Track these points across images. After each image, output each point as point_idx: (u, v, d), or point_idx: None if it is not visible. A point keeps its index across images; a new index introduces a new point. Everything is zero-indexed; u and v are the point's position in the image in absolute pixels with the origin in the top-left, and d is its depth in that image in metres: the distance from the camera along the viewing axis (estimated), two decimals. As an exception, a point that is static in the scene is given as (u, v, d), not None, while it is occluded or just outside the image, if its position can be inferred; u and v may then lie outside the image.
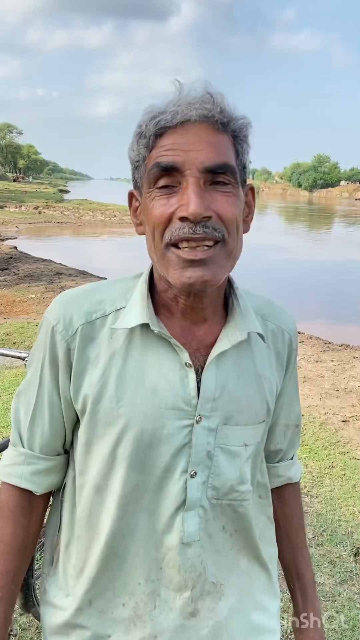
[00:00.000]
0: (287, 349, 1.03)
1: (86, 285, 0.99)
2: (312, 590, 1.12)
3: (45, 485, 0.99)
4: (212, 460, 0.93)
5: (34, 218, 27.99)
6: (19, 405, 0.99)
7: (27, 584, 1.97)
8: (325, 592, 2.53)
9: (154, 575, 0.93)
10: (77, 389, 0.92)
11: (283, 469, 1.12)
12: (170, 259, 0.84)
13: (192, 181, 0.81)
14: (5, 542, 0.97)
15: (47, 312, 0.95)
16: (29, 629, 2.25)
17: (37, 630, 2.24)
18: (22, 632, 2.23)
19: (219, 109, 0.83)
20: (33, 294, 9.29)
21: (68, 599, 0.98)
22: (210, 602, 0.96)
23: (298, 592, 1.12)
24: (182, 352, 0.90)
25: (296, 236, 27.67)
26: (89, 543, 0.95)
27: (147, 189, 0.86)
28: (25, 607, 2.02)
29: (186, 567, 0.93)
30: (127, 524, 0.92)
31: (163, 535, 0.92)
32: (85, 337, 0.91)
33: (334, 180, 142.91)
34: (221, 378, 0.92)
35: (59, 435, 0.98)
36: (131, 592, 0.94)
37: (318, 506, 3.25)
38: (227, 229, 0.84)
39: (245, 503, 0.97)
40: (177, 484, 0.91)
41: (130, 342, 0.91)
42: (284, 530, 1.13)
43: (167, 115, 0.82)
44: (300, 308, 9.96)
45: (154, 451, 0.90)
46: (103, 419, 0.90)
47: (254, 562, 1.03)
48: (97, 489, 0.93)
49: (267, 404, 0.99)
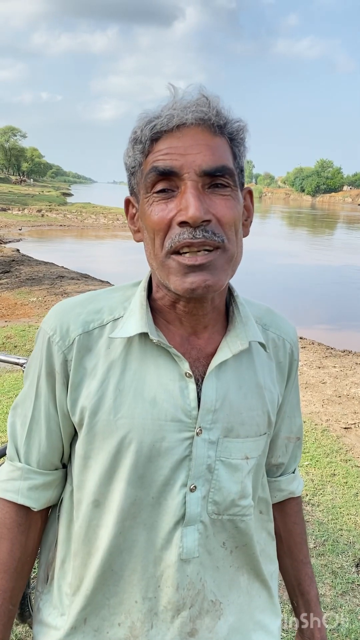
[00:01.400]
0: (288, 359, 1.01)
1: (84, 295, 0.96)
2: (317, 608, 1.09)
3: (42, 501, 0.96)
4: (213, 474, 0.90)
5: (36, 221, 28.03)
6: (15, 419, 0.97)
7: (23, 594, 1.94)
8: (327, 603, 2.48)
9: (151, 593, 0.90)
10: (75, 400, 0.89)
11: (285, 483, 1.09)
12: (171, 266, 0.82)
13: (191, 185, 0.80)
14: (2, 561, 0.94)
15: (44, 322, 0.93)
16: (25, 639, 2.21)
17: (33, 640, 2.21)
18: (18, 642, 2.19)
19: (215, 111, 0.81)
20: (35, 297, 9.28)
21: (62, 618, 0.94)
22: (209, 621, 0.93)
23: (302, 609, 1.10)
24: (182, 362, 0.88)
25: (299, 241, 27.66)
26: (85, 559, 0.92)
27: (144, 195, 0.84)
28: (21, 617, 1.99)
29: (184, 585, 0.90)
30: (125, 540, 0.89)
31: (161, 551, 0.89)
32: (83, 347, 0.89)
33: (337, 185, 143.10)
34: (222, 389, 0.90)
35: (56, 449, 0.95)
36: (127, 611, 0.91)
37: (319, 515, 3.21)
38: (226, 233, 0.82)
39: (247, 518, 0.95)
40: (176, 498, 0.88)
41: (128, 352, 0.89)
42: (286, 545, 1.11)
43: (163, 119, 0.80)
44: (302, 313, 9.94)
45: (153, 464, 0.87)
46: (101, 431, 0.88)
47: (254, 580, 1.00)
48: (95, 503, 0.90)
49: (269, 416, 0.96)
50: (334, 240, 29.81)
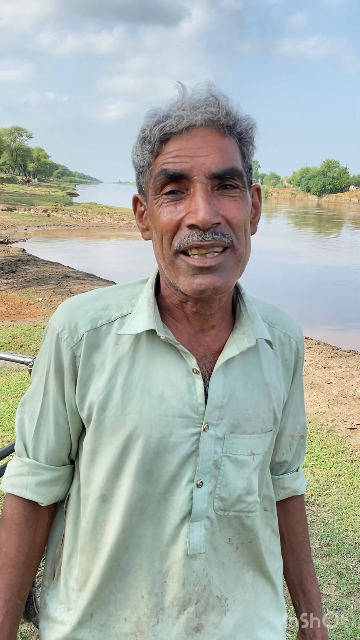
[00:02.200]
0: (294, 357, 1.01)
1: (91, 292, 0.97)
2: (319, 607, 1.10)
3: (50, 496, 0.97)
4: (219, 469, 0.91)
5: (42, 221, 28.13)
6: (23, 415, 0.98)
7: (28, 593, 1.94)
8: (332, 604, 2.48)
9: (157, 589, 0.91)
10: (83, 396, 0.90)
11: (288, 481, 1.10)
12: (180, 266, 0.83)
13: (200, 187, 0.80)
14: (10, 556, 0.95)
15: (52, 319, 0.94)
16: (30, 638, 2.23)
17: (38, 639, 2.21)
18: (23, 640, 2.20)
19: (225, 112, 0.81)
20: (40, 297, 9.31)
21: (69, 613, 0.95)
22: (215, 616, 0.93)
23: (303, 608, 1.10)
24: (190, 358, 0.88)
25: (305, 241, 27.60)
26: (92, 554, 0.93)
27: (153, 196, 0.85)
28: (26, 615, 2.00)
29: (191, 580, 0.91)
30: (132, 535, 0.90)
31: (168, 547, 0.90)
32: (91, 343, 0.90)
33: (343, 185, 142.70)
34: (229, 385, 0.91)
35: (64, 444, 0.96)
36: (134, 606, 0.91)
37: (325, 515, 3.20)
38: (236, 234, 0.83)
39: (252, 515, 0.95)
40: (183, 494, 0.89)
41: (136, 348, 0.89)
42: (288, 544, 1.11)
43: (172, 121, 0.80)
44: (308, 313, 9.92)
45: (160, 460, 0.88)
46: (109, 427, 0.88)
47: (259, 576, 1.01)
48: (102, 498, 0.91)
49: (274, 413, 0.97)
50: (340, 241, 29.73)
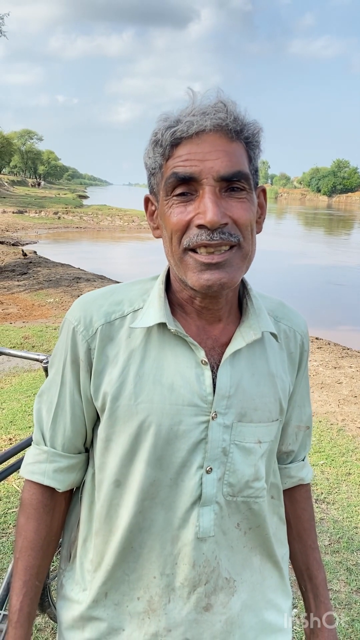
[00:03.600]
0: (299, 350, 1.05)
1: (105, 288, 1.02)
2: (325, 592, 1.13)
3: (67, 483, 1.02)
4: (228, 456, 0.95)
5: (53, 223, 28.30)
6: (41, 405, 1.03)
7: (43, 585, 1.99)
8: (341, 599, 2.50)
9: (169, 570, 0.95)
10: (97, 387, 0.95)
11: (295, 470, 1.13)
12: (189, 263, 0.88)
13: (209, 190, 0.85)
14: (29, 539, 1.00)
15: (68, 313, 0.99)
16: (45, 630, 2.27)
17: (52, 631, 2.26)
18: (37, 632, 2.25)
19: (233, 117, 0.86)
20: (52, 298, 9.39)
21: (84, 593, 1.00)
22: (223, 597, 0.97)
23: (310, 594, 1.13)
24: (198, 350, 0.93)
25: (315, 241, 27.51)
26: (106, 537, 0.97)
27: (164, 197, 0.90)
28: (41, 607, 2.04)
29: (200, 562, 0.95)
30: (144, 519, 0.94)
31: (179, 530, 0.94)
32: (105, 336, 0.95)
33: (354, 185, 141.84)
34: (236, 376, 0.95)
35: (80, 433, 1.01)
36: (146, 586, 0.96)
37: (334, 513, 3.22)
38: (242, 233, 0.88)
39: (260, 500, 0.99)
40: (193, 479, 0.93)
41: (147, 341, 0.94)
42: (295, 531, 1.15)
43: (183, 126, 0.85)
44: (318, 314, 9.90)
45: (171, 447, 0.92)
46: (122, 415, 0.93)
47: (266, 560, 1.04)
48: (116, 483, 0.95)
49: (280, 403, 1.01)
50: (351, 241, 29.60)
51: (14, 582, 0.99)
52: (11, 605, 0.98)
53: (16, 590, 0.99)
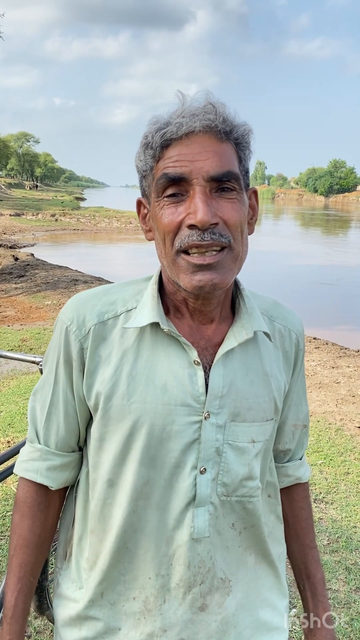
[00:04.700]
0: (294, 349, 1.05)
1: (99, 287, 1.02)
2: (323, 590, 1.13)
3: (60, 481, 1.02)
4: (221, 456, 0.95)
5: (50, 225, 28.29)
6: (35, 404, 1.03)
7: (41, 587, 1.99)
8: (340, 599, 2.50)
9: (164, 571, 0.95)
10: (90, 386, 0.95)
11: (292, 468, 1.13)
12: (181, 265, 0.88)
13: (199, 190, 0.85)
14: (23, 536, 1.01)
15: (61, 313, 0.99)
16: (44, 632, 2.27)
17: (51, 634, 2.26)
18: (37, 635, 2.25)
19: (222, 118, 0.86)
20: (49, 301, 9.39)
21: (81, 592, 1.01)
22: (219, 597, 0.98)
23: (308, 593, 1.13)
24: (191, 350, 0.93)
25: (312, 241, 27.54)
26: (101, 536, 0.97)
27: (155, 198, 0.90)
28: (39, 609, 2.04)
29: (196, 563, 0.95)
30: (138, 519, 0.94)
31: (174, 531, 0.94)
32: (98, 336, 0.95)
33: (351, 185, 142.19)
34: (229, 376, 0.95)
35: (73, 432, 1.01)
36: (142, 586, 0.96)
37: (333, 512, 3.23)
38: (233, 234, 0.88)
39: (254, 500, 0.99)
40: (187, 480, 0.93)
41: (140, 340, 0.94)
42: (293, 530, 1.15)
43: (172, 127, 0.85)
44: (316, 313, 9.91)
45: (164, 447, 0.92)
46: (115, 415, 0.93)
47: (261, 560, 1.04)
48: (109, 483, 0.96)
49: (275, 402, 1.00)
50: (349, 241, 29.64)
51: (9, 579, 1.00)
52: (6, 601, 0.99)
53: (11, 587, 1.00)
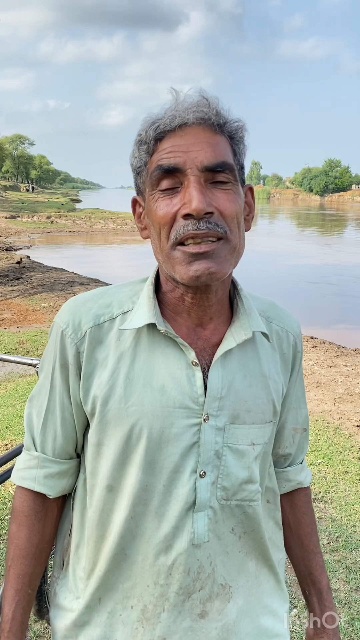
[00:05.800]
0: (292, 351, 1.04)
1: (94, 290, 1.00)
2: (329, 597, 1.11)
3: (58, 489, 1.00)
4: (221, 459, 0.93)
5: (46, 227, 28.25)
6: (31, 410, 1.01)
7: (40, 591, 1.97)
8: (341, 598, 2.50)
9: (163, 580, 0.93)
10: (87, 390, 0.93)
11: (293, 473, 1.11)
12: (177, 257, 0.86)
13: (194, 179, 0.84)
14: (21, 547, 0.98)
15: (57, 316, 0.97)
16: (43, 636, 2.26)
17: (50, 638, 2.24)
18: (36, 639, 2.23)
19: (215, 111, 0.86)
20: (46, 303, 9.37)
21: (78, 602, 0.98)
22: (219, 604, 0.96)
23: (314, 598, 1.11)
24: (189, 351, 0.91)
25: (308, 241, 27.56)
26: (99, 543, 0.95)
27: (150, 192, 0.89)
28: (39, 613, 2.03)
29: (195, 569, 0.93)
30: (136, 525, 0.92)
31: (173, 539, 0.92)
32: (94, 339, 0.93)
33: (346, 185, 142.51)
34: (227, 377, 0.93)
35: (70, 438, 0.99)
36: (140, 595, 0.94)
37: (332, 512, 3.22)
38: (229, 225, 0.87)
39: (254, 504, 0.97)
40: (187, 485, 0.91)
41: (137, 342, 0.93)
42: (297, 536, 1.13)
43: (166, 120, 0.85)
44: (313, 313, 9.92)
45: (163, 450, 0.90)
46: (112, 419, 0.91)
47: (262, 565, 1.03)
48: (108, 488, 0.94)
49: (274, 404, 0.99)
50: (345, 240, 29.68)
51: (6, 591, 0.98)
52: (3, 614, 0.96)
53: (8, 599, 0.97)
